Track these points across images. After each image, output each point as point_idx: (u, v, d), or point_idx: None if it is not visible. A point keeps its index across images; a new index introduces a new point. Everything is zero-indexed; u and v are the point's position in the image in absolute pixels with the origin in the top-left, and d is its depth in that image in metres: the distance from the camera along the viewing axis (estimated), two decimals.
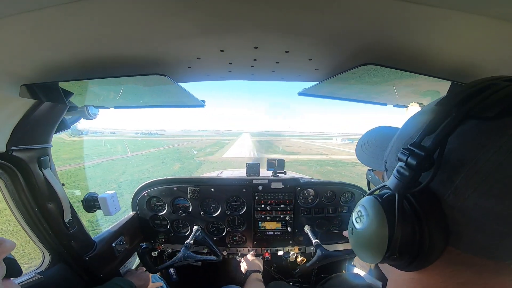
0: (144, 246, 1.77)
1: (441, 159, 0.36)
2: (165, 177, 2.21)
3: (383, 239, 0.39)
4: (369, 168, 0.65)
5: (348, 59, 0.92)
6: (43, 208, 1.25)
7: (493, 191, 0.32)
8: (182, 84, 1.17)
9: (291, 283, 2.32)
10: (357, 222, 0.47)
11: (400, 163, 0.41)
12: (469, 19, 0.60)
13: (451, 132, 0.36)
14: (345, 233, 1.58)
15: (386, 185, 0.44)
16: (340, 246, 2.31)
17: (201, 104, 1.50)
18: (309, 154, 46.78)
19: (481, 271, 0.37)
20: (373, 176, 0.61)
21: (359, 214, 0.46)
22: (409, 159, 0.38)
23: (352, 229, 0.48)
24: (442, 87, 1.07)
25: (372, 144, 0.66)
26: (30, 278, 1.20)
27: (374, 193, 0.47)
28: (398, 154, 0.41)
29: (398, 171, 0.41)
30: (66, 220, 1.35)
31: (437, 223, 0.37)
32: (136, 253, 2.06)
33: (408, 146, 0.40)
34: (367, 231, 0.43)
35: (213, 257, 1.80)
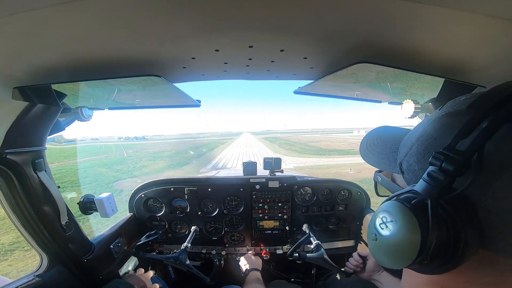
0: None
1: (481, 163, 0.35)
2: (162, 178, 2.20)
3: (414, 245, 0.38)
4: (377, 169, 0.63)
5: (343, 57, 0.93)
6: (39, 211, 1.24)
7: None
8: (177, 85, 1.16)
9: (292, 279, 2.33)
10: (382, 229, 0.44)
11: (432, 167, 0.39)
12: (459, 17, 0.61)
13: (490, 136, 0.35)
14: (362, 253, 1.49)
15: (413, 190, 0.43)
16: (339, 244, 2.32)
17: (196, 104, 1.50)
18: None
19: (504, 271, 0.38)
20: (383, 178, 0.60)
21: (384, 220, 0.44)
22: (444, 164, 0.37)
23: (375, 235, 0.46)
24: (435, 85, 1.08)
25: (379, 145, 0.64)
26: (29, 281, 1.20)
27: (393, 198, 0.45)
28: (430, 158, 0.40)
29: (430, 176, 0.39)
30: (63, 223, 1.34)
31: (472, 227, 0.36)
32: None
33: (442, 150, 0.38)
34: (396, 238, 0.41)
35: (207, 278, 1.75)
